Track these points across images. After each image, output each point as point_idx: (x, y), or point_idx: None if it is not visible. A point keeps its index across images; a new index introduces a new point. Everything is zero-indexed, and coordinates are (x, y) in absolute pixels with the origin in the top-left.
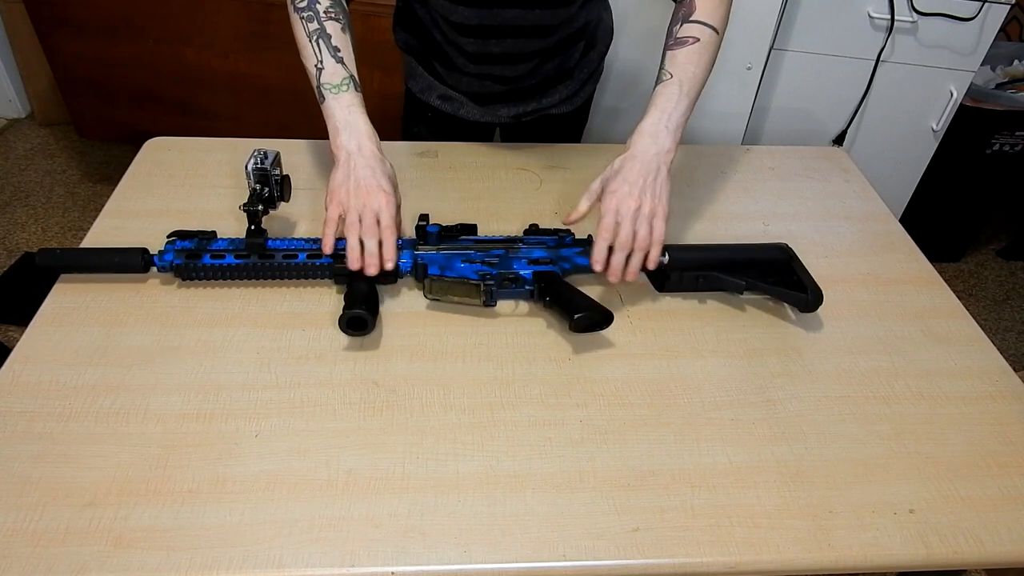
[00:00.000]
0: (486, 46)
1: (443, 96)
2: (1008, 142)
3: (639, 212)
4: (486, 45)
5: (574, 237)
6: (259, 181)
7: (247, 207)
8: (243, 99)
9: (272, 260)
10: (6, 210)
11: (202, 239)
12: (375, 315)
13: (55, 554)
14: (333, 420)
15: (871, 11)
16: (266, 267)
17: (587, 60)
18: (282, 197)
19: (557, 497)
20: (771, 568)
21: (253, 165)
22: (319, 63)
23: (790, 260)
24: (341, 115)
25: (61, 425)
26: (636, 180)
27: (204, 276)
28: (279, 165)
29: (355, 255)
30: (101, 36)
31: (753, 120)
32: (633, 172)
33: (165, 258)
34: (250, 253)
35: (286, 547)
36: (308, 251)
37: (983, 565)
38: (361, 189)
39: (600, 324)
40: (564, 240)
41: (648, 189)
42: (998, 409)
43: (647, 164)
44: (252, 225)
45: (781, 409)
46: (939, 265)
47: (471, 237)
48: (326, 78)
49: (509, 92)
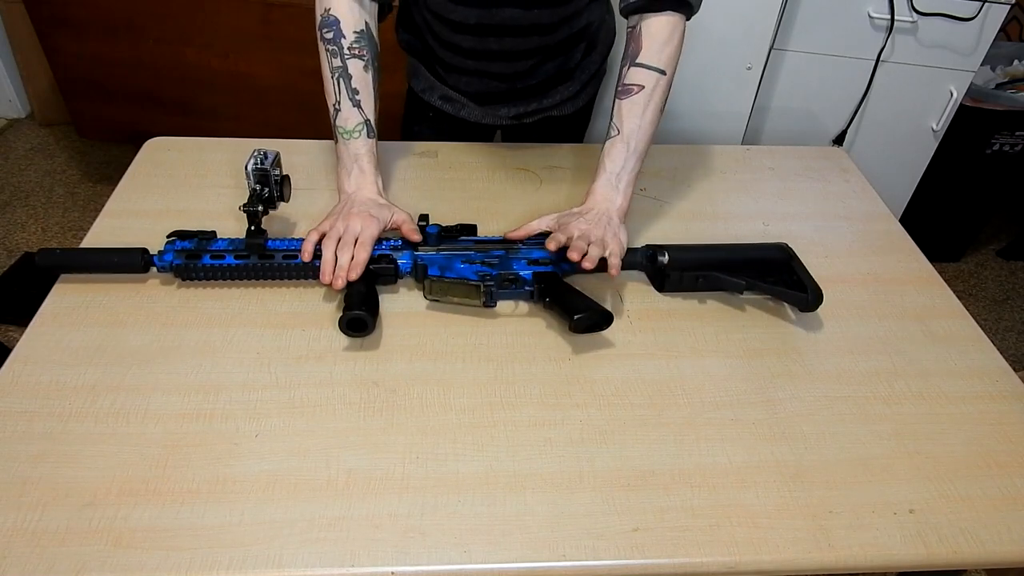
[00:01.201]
0: (484, 43)
1: (444, 96)
2: (1008, 142)
3: (598, 236)
4: (484, 42)
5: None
6: (259, 181)
7: (247, 207)
8: (243, 99)
9: (272, 260)
10: (6, 210)
11: (202, 239)
12: (375, 316)
13: (55, 554)
14: (333, 420)
15: (871, 11)
16: (266, 267)
17: (589, 61)
18: (282, 197)
19: (557, 497)
20: (771, 568)
21: (253, 165)
22: (337, 104)
23: (790, 260)
24: (348, 161)
25: (61, 425)
26: (592, 219)
27: (204, 276)
28: (279, 165)
29: (328, 268)
30: (101, 36)
31: (753, 120)
32: (589, 215)
33: (165, 258)
34: (250, 254)
35: (286, 547)
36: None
37: (983, 565)
38: (351, 216)
39: (600, 324)
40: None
41: (604, 226)
42: (998, 409)
43: (601, 214)
44: (252, 226)
45: (781, 409)
46: (939, 265)
47: (471, 238)
48: (341, 121)
49: (509, 91)
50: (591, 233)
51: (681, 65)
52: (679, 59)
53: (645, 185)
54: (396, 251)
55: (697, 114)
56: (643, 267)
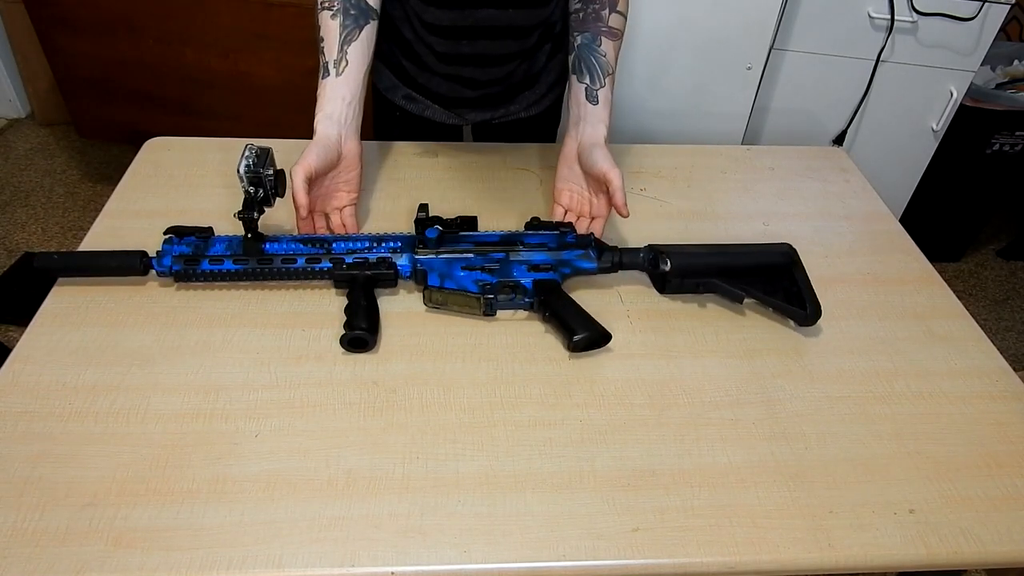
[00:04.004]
0: (457, 47)
1: (408, 96)
2: (1008, 142)
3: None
4: (457, 46)
5: (576, 233)
6: (252, 183)
7: (242, 215)
8: (243, 99)
9: (271, 265)
10: (6, 210)
11: (199, 235)
12: (376, 331)
13: (55, 554)
14: (333, 420)
15: (871, 11)
16: (265, 271)
17: (555, 63)
18: (277, 193)
19: (557, 497)
20: (771, 568)
21: (245, 167)
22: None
23: (792, 267)
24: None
25: (61, 425)
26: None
27: (203, 280)
28: (272, 163)
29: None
30: (101, 36)
31: (753, 120)
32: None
33: (164, 262)
34: (248, 259)
35: (286, 547)
36: (307, 255)
37: (983, 565)
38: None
39: (597, 343)
40: (566, 237)
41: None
42: (998, 409)
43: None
44: (248, 232)
45: (781, 409)
46: (939, 265)
47: (471, 235)
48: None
49: (478, 99)
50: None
51: (681, 65)
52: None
53: (645, 185)
54: (395, 254)
55: (697, 114)
56: (644, 269)
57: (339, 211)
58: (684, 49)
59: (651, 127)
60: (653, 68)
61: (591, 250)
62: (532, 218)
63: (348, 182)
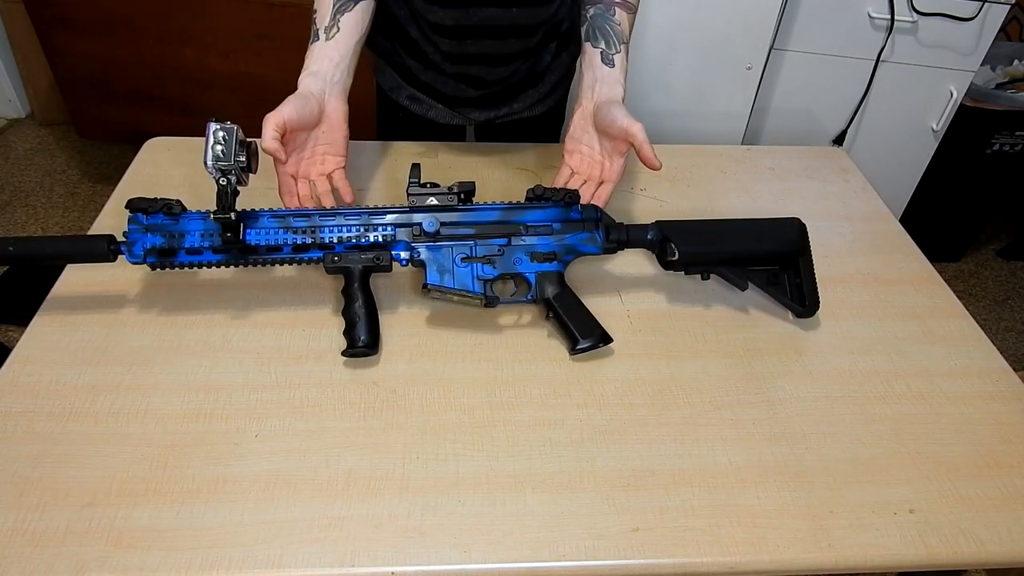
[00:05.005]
0: (462, 46)
1: (411, 97)
2: (1008, 142)
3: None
4: (462, 46)
5: (579, 202)
6: (224, 172)
7: (219, 216)
8: (243, 99)
9: (256, 256)
10: (6, 210)
11: (167, 213)
12: (377, 340)
13: (55, 554)
14: (333, 420)
15: (871, 11)
16: (249, 260)
17: (559, 62)
18: (250, 169)
19: (557, 497)
20: (771, 568)
21: (214, 159)
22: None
23: (799, 257)
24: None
25: (61, 425)
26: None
27: (180, 269)
28: (242, 143)
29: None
30: (101, 36)
31: (753, 120)
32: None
33: (135, 251)
34: (230, 251)
35: (286, 547)
36: (293, 244)
37: (983, 565)
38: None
39: (598, 346)
40: (570, 213)
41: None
42: (998, 409)
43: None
44: (228, 232)
45: (781, 409)
46: (939, 265)
47: (469, 217)
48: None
49: (482, 97)
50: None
51: (681, 65)
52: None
53: (645, 185)
54: (389, 243)
55: (697, 114)
56: (651, 247)
57: (325, 177)
58: (684, 49)
59: (651, 127)
60: (653, 68)
61: (596, 232)
62: (536, 185)
63: (332, 144)
